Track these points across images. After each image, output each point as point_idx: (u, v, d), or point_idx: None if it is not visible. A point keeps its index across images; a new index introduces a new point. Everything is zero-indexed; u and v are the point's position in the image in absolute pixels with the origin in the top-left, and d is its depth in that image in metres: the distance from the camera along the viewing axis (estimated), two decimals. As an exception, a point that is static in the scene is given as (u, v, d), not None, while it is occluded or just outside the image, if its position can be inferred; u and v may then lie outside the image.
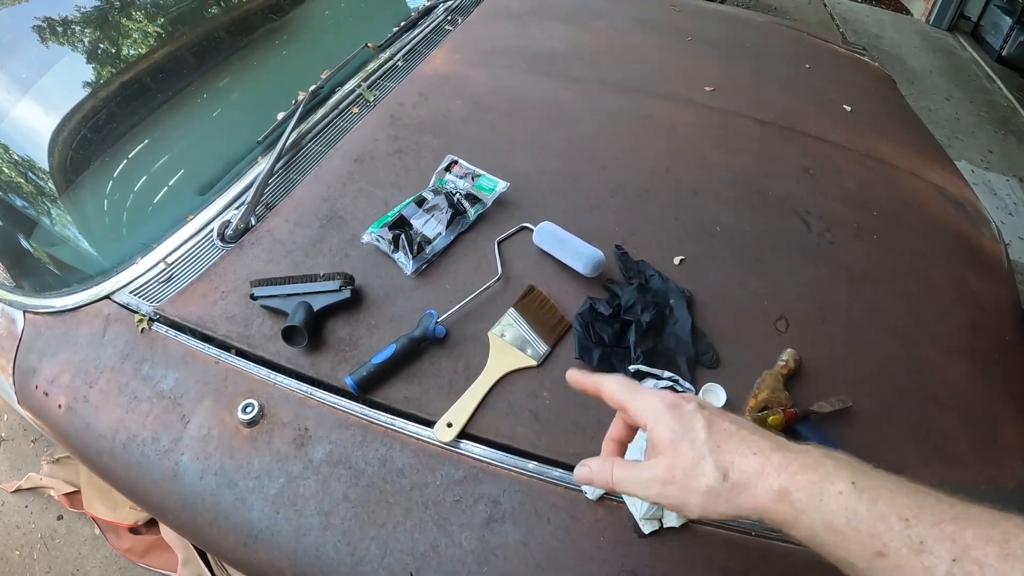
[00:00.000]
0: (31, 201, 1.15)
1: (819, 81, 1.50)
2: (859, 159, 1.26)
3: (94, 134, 1.17)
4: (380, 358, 0.79)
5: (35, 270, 1.12)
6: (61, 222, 1.15)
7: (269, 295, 0.87)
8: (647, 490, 0.46)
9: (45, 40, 1.25)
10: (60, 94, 1.20)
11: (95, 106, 1.18)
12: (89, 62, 1.25)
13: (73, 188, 1.14)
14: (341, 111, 1.22)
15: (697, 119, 1.24)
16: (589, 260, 0.88)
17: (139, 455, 0.85)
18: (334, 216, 1.01)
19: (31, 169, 1.16)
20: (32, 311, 1.02)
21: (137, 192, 1.14)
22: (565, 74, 1.31)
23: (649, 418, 0.47)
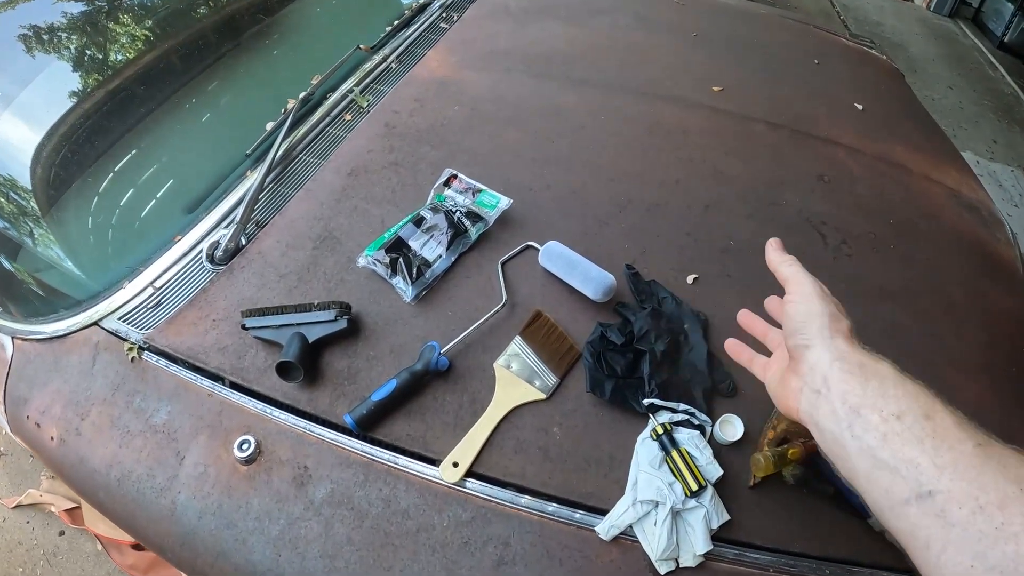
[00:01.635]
0: (14, 222, 1.08)
1: (828, 78, 1.43)
2: (873, 163, 1.20)
3: (76, 149, 1.10)
4: (380, 394, 0.74)
5: (22, 294, 1.06)
6: (45, 243, 1.08)
7: (261, 326, 0.81)
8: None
9: (25, 50, 1.16)
10: (40, 107, 1.12)
11: (76, 120, 1.11)
12: (69, 73, 1.17)
13: (56, 208, 1.07)
14: (333, 119, 1.14)
15: (707, 124, 1.17)
16: (600, 285, 0.82)
17: (135, 492, 0.81)
18: (328, 236, 0.94)
19: (13, 187, 1.09)
20: (21, 337, 0.97)
21: (122, 211, 1.07)
22: (567, 76, 1.24)
23: None
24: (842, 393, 0.42)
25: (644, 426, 0.78)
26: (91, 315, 0.94)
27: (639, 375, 0.80)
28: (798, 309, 0.49)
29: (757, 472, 0.75)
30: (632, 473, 0.75)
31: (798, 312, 0.49)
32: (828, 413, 0.43)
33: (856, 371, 0.43)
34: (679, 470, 0.72)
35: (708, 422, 0.78)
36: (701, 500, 0.72)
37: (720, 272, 0.95)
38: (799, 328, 0.48)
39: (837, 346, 0.45)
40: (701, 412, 0.78)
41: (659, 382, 0.79)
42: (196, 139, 1.14)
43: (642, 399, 0.78)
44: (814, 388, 0.45)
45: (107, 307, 0.95)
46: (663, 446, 0.75)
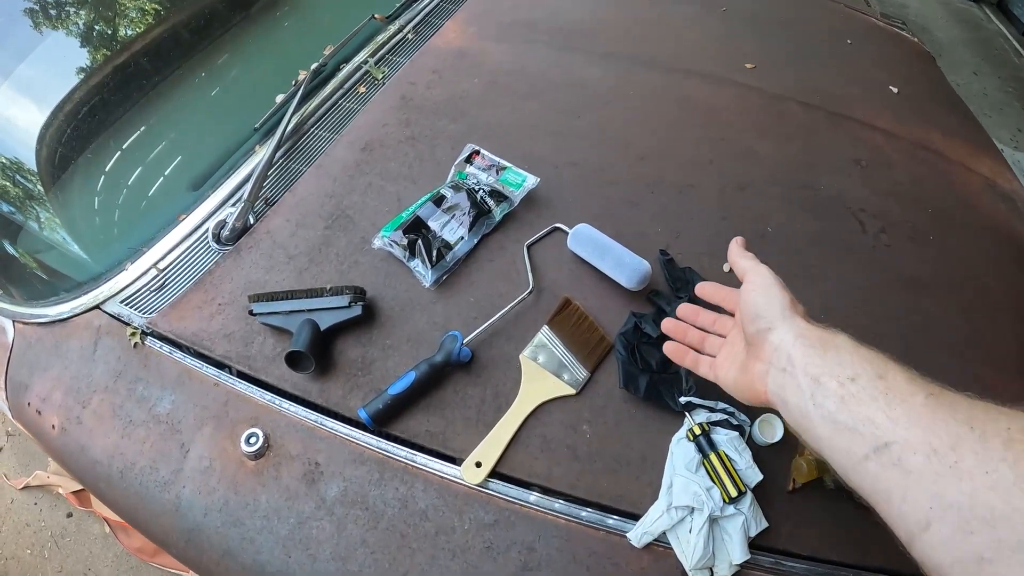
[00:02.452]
0: (14, 201, 1.01)
1: (861, 59, 1.33)
2: (910, 150, 1.11)
3: (78, 125, 1.02)
4: (397, 388, 0.67)
5: (23, 276, 1.00)
6: (46, 223, 1.01)
7: (269, 312, 0.74)
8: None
9: (26, 22, 1.08)
10: (41, 82, 1.04)
11: (78, 95, 1.03)
12: (72, 46, 1.08)
13: (57, 186, 1.00)
14: (347, 91, 1.06)
15: (738, 102, 1.08)
16: (634, 272, 0.74)
17: (137, 485, 0.75)
18: (341, 215, 0.87)
19: (13, 165, 1.02)
20: (22, 320, 0.92)
21: (126, 189, 1.00)
22: (591, 50, 1.14)
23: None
24: (804, 366, 0.44)
25: (679, 425, 0.71)
26: (92, 298, 0.88)
27: (674, 370, 0.72)
28: (758, 296, 0.51)
29: (799, 478, 0.69)
30: (667, 476, 0.68)
31: (758, 299, 0.51)
32: (794, 388, 0.44)
33: (816, 345, 0.45)
34: (717, 474, 0.66)
35: (747, 422, 0.71)
36: (740, 507, 0.66)
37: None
38: (760, 313, 0.50)
39: (797, 325, 0.47)
40: (740, 412, 0.71)
41: (697, 378, 0.71)
42: (202, 113, 1.06)
43: (678, 396, 0.71)
44: (780, 367, 0.46)
45: (109, 289, 0.88)
46: (700, 448, 0.68)
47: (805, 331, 0.46)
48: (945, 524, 0.33)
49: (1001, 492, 0.31)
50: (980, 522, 0.31)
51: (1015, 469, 0.31)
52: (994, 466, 0.32)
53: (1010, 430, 0.33)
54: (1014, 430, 0.33)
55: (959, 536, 0.32)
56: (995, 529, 0.30)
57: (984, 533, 0.31)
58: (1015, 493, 0.30)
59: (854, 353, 0.43)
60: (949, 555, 0.32)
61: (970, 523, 0.31)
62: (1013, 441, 0.32)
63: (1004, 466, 0.31)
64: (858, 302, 0.85)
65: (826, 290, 0.85)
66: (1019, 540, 0.30)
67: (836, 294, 0.86)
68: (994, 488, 0.31)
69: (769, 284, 0.51)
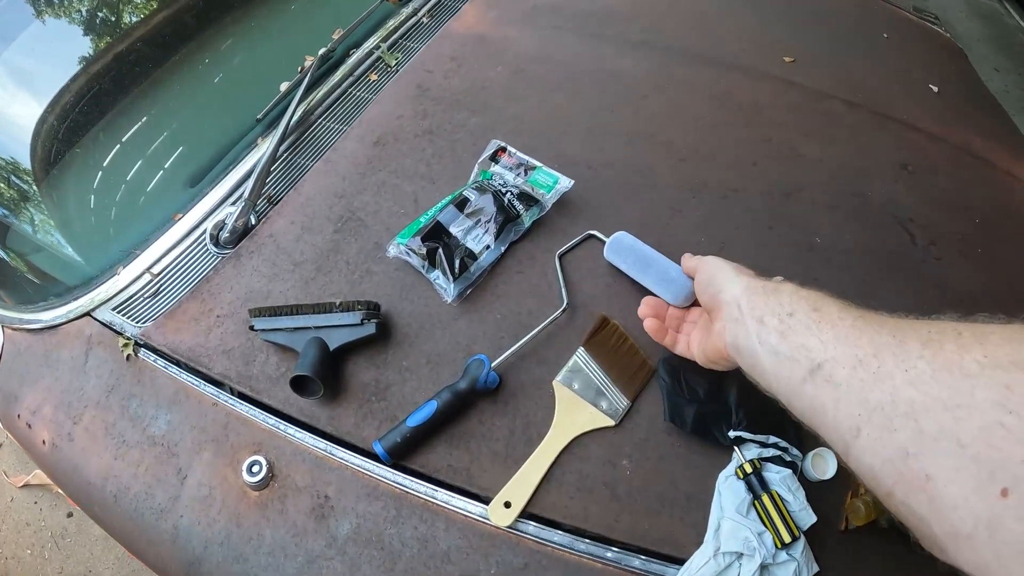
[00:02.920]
0: (1, 198, 0.92)
1: (898, 55, 1.23)
2: (955, 154, 1.02)
3: (69, 117, 0.93)
4: (417, 419, 0.59)
5: (12, 279, 0.93)
6: (35, 222, 0.93)
7: (272, 328, 0.66)
8: None
9: (14, 4, 0.98)
10: (31, 71, 0.95)
11: (70, 85, 0.93)
12: (62, 31, 0.98)
13: (47, 182, 0.91)
14: (357, 79, 0.96)
15: (780, 99, 0.98)
16: (681, 289, 0.65)
17: (132, 511, 0.69)
18: (351, 218, 0.78)
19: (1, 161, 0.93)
20: (11, 326, 0.84)
21: (118, 184, 0.91)
22: (624, 38, 1.03)
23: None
24: (750, 310, 0.48)
25: (727, 460, 0.63)
26: (83, 304, 0.81)
27: (723, 400, 0.64)
28: (706, 272, 0.56)
29: (856, 520, 0.62)
30: (713, 517, 0.61)
31: (706, 274, 0.56)
32: (744, 333, 0.47)
33: (760, 292, 0.48)
34: (770, 517, 0.59)
35: (799, 457, 0.63)
36: (792, 552, 0.58)
37: (805, 274, 0.78)
38: (710, 282, 0.55)
39: (745, 281, 0.51)
40: (793, 447, 0.62)
41: (748, 410, 0.63)
42: (201, 103, 0.97)
43: (727, 430, 0.62)
44: (732, 318, 0.50)
45: (100, 295, 0.81)
46: (751, 487, 0.60)
47: (751, 284, 0.50)
48: (872, 426, 0.33)
49: (919, 386, 0.31)
50: (902, 417, 0.32)
51: (932, 363, 0.32)
52: (912, 363, 0.32)
53: (930, 332, 0.33)
54: (933, 332, 0.33)
55: (885, 435, 0.32)
56: (916, 422, 0.31)
57: (907, 428, 0.31)
58: (932, 385, 0.31)
59: (793, 294, 0.46)
60: (878, 456, 0.33)
61: (893, 420, 0.32)
62: (931, 340, 0.33)
63: (922, 362, 0.32)
64: None
65: (880, 307, 0.77)
66: (940, 429, 0.30)
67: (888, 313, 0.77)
68: (912, 383, 0.32)
69: (713, 261, 0.57)
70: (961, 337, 0.32)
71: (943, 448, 0.29)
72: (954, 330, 0.32)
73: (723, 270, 0.54)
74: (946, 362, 0.31)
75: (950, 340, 0.32)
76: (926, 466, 0.30)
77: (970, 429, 0.29)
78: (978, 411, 0.28)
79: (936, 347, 0.32)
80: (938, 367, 0.31)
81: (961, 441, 0.29)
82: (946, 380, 0.30)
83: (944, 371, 0.31)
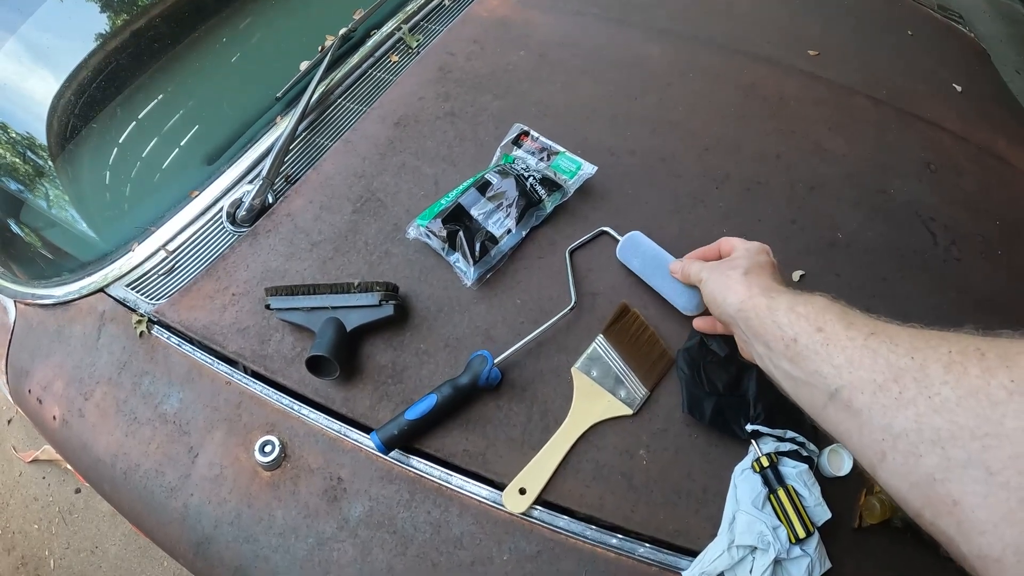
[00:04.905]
0: (17, 173, 0.91)
1: (923, 53, 1.21)
2: (977, 155, 1.01)
3: (86, 92, 0.92)
4: (415, 413, 0.58)
5: (25, 254, 0.92)
6: (50, 197, 0.92)
7: (289, 307, 0.65)
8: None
9: None
10: (48, 46, 0.94)
11: (88, 60, 0.92)
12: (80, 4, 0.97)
13: (62, 158, 0.90)
14: (378, 60, 0.94)
15: (805, 92, 0.96)
16: (693, 297, 0.64)
17: (142, 489, 0.68)
18: (371, 198, 0.76)
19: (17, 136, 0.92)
20: (23, 301, 0.84)
21: (134, 160, 0.89)
22: (648, 24, 1.01)
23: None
24: (753, 335, 0.48)
25: (744, 453, 0.62)
26: (96, 280, 0.80)
27: (742, 393, 0.63)
28: (707, 291, 0.55)
29: (870, 518, 0.61)
30: (728, 510, 0.60)
31: (708, 293, 0.55)
32: (757, 356, 0.48)
33: (754, 314, 0.48)
34: (785, 512, 0.58)
35: (816, 453, 0.62)
36: (806, 548, 0.58)
37: (827, 269, 0.77)
38: (713, 303, 0.55)
39: (737, 298, 0.50)
40: (810, 442, 0.62)
41: (765, 405, 0.62)
42: (220, 80, 0.96)
43: (744, 423, 0.61)
44: (741, 339, 0.50)
45: (114, 271, 0.80)
46: (767, 481, 0.60)
47: (744, 303, 0.49)
48: (897, 452, 0.33)
49: (945, 414, 0.31)
50: (928, 444, 0.31)
51: (957, 390, 0.31)
52: (936, 390, 0.32)
53: (951, 353, 0.33)
54: (954, 352, 0.33)
55: (911, 460, 0.32)
56: (943, 449, 0.31)
57: (933, 455, 0.31)
58: (958, 413, 0.30)
59: (790, 312, 0.44)
60: (905, 480, 0.33)
61: (918, 447, 0.32)
62: (953, 364, 0.32)
63: (946, 388, 0.32)
64: (932, 323, 0.75)
65: (901, 306, 0.76)
66: (968, 457, 0.29)
67: (911, 313, 0.75)
68: (937, 411, 0.31)
69: (715, 277, 0.54)
70: (985, 359, 0.31)
71: (971, 476, 0.29)
72: (976, 350, 0.32)
73: (722, 286, 0.53)
74: (972, 388, 0.30)
75: (974, 363, 0.31)
76: (953, 492, 0.30)
77: (1000, 458, 0.28)
78: (1008, 440, 0.28)
79: (960, 371, 0.31)
80: (963, 394, 0.31)
81: (990, 469, 0.28)
82: (973, 408, 0.30)
83: (970, 398, 0.30)
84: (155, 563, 1.29)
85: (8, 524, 1.39)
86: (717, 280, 0.54)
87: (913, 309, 0.76)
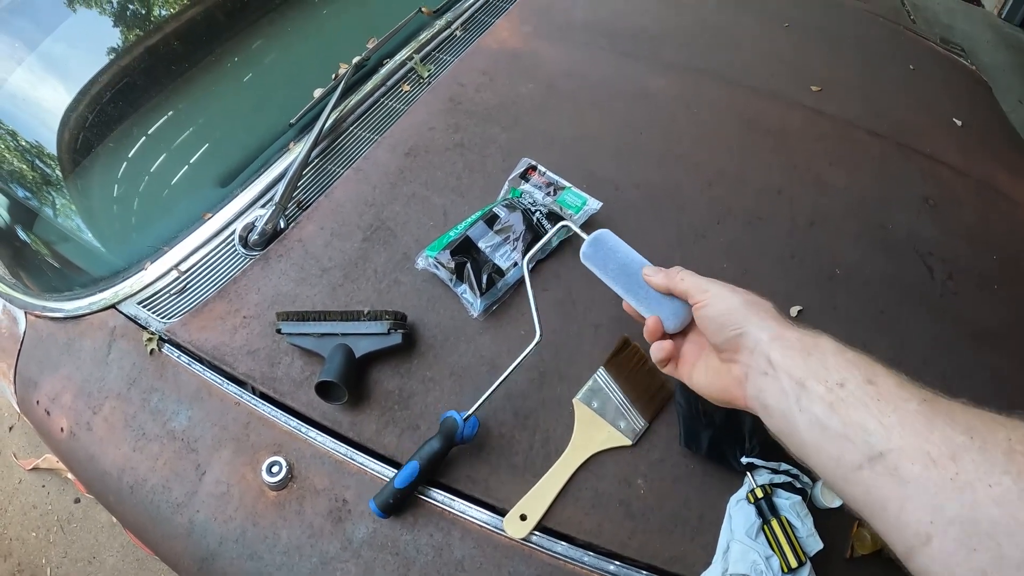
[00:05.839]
0: (32, 187, 0.95)
1: (924, 86, 1.26)
2: (977, 188, 1.05)
3: (103, 109, 0.97)
4: (402, 481, 0.61)
5: (37, 266, 0.96)
6: (64, 211, 0.96)
7: (299, 333, 0.68)
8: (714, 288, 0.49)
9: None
10: (65, 61, 0.98)
11: (105, 77, 0.97)
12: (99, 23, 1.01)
13: (78, 173, 0.94)
14: (390, 89, 0.99)
15: (807, 126, 1.01)
16: (679, 310, 0.52)
17: (148, 503, 0.71)
18: (381, 227, 0.80)
19: (32, 149, 0.96)
20: (34, 313, 0.87)
21: (149, 180, 0.93)
22: (654, 58, 1.06)
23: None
24: (787, 369, 0.41)
25: (739, 484, 0.66)
26: (108, 297, 0.84)
27: (737, 426, 0.66)
28: (716, 307, 0.47)
29: (861, 549, 0.64)
30: (723, 539, 0.63)
31: (717, 310, 0.47)
32: (777, 392, 0.42)
33: (796, 346, 0.42)
34: (778, 542, 0.61)
35: (810, 485, 0.66)
36: None
37: (826, 303, 0.80)
38: (726, 322, 0.46)
39: (770, 327, 0.44)
40: (804, 475, 0.65)
41: (761, 438, 0.65)
42: (234, 104, 1.00)
43: (740, 456, 0.64)
44: (761, 371, 0.43)
45: (126, 289, 0.84)
46: (761, 512, 0.63)
47: (780, 332, 0.43)
48: (947, 539, 0.31)
49: (1006, 506, 0.29)
50: (984, 537, 0.29)
51: (1018, 482, 0.29)
52: (997, 479, 0.30)
53: (1011, 440, 0.31)
54: (1014, 440, 0.31)
55: (962, 552, 0.30)
56: (1000, 545, 0.29)
57: (988, 549, 0.29)
58: (1020, 507, 0.29)
59: (839, 356, 0.40)
60: (950, 570, 0.31)
61: (973, 538, 0.30)
62: (1014, 452, 0.31)
63: (1007, 479, 0.30)
64: (928, 355, 0.80)
65: (896, 341, 0.79)
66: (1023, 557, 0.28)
67: (908, 345, 0.80)
68: (998, 502, 0.30)
69: (721, 294, 0.47)
70: None
71: None
72: None
73: (737, 309, 0.46)
74: None
75: None
76: None
77: None
78: None
79: (1021, 462, 0.30)
80: None
81: None
82: None
83: None
84: (153, 575, 1.30)
85: (5, 531, 1.41)
86: (731, 298, 0.46)
87: (910, 340, 0.81)
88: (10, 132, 0.95)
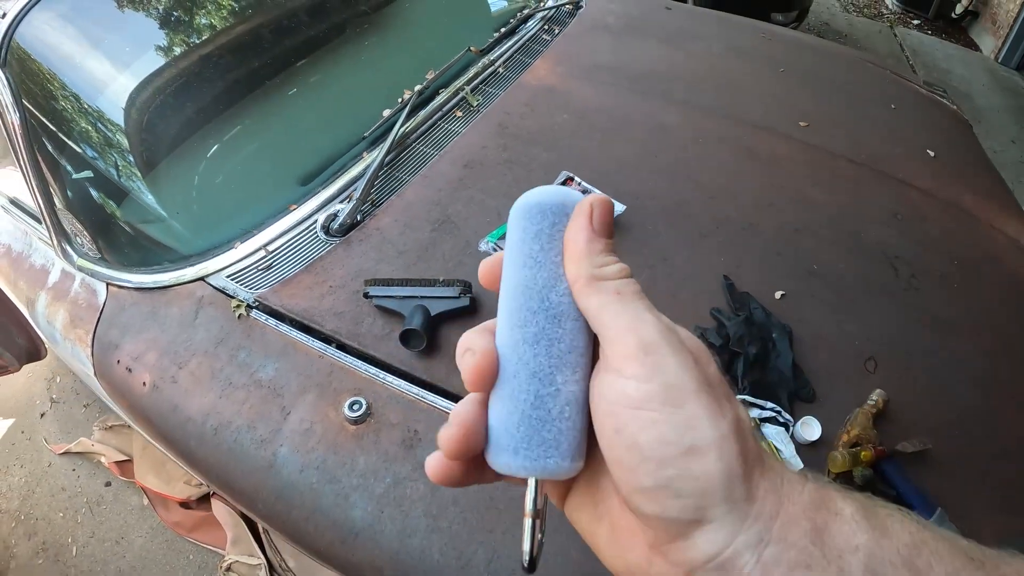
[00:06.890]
0: (123, 173, 1.13)
1: (904, 123, 1.50)
2: (943, 207, 1.26)
3: (196, 109, 1.17)
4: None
5: (121, 244, 1.12)
6: (154, 197, 1.12)
7: (385, 295, 0.86)
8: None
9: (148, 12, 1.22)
10: (162, 66, 1.18)
11: (197, 80, 1.18)
12: (196, 33, 1.23)
13: (168, 163, 1.12)
14: (445, 113, 1.21)
15: (795, 154, 1.24)
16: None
17: (231, 442, 0.84)
18: (446, 221, 1.00)
19: (127, 139, 1.13)
20: (116, 284, 1.01)
21: (237, 175, 1.13)
22: (668, 96, 1.31)
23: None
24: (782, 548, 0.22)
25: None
26: (198, 271, 1.00)
27: (733, 374, 0.86)
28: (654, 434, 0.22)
29: (833, 468, 0.80)
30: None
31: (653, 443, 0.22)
32: None
33: (800, 563, 0.22)
34: None
35: (791, 421, 0.84)
36: None
37: (805, 291, 1.00)
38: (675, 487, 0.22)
39: (754, 514, 0.22)
40: (785, 412, 0.84)
41: (751, 381, 0.85)
42: (316, 117, 1.21)
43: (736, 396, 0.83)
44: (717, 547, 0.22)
45: (215, 264, 1.00)
46: None
47: (778, 532, 0.22)
48: None
49: None
50: None
51: None
52: None
53: None
54: None
55: None
56: None
57: None
58: None
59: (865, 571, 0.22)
60: None
61: None
62: None
63: None
64: (892, 336, 0.97)
65: (865, 325, 0.98)
66: None
67: (874, 327, 0.98)
68: None
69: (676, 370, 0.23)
70: None
71: None
72: None
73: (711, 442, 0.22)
74: None
75: None
76: None
77: None
78: None
79: None
80: None
81: None
82: None
83: None
84: (181, 556, 1.41)
85: (32, 511, 1.51)
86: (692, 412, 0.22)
87: (877, 325, 0.98)
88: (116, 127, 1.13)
